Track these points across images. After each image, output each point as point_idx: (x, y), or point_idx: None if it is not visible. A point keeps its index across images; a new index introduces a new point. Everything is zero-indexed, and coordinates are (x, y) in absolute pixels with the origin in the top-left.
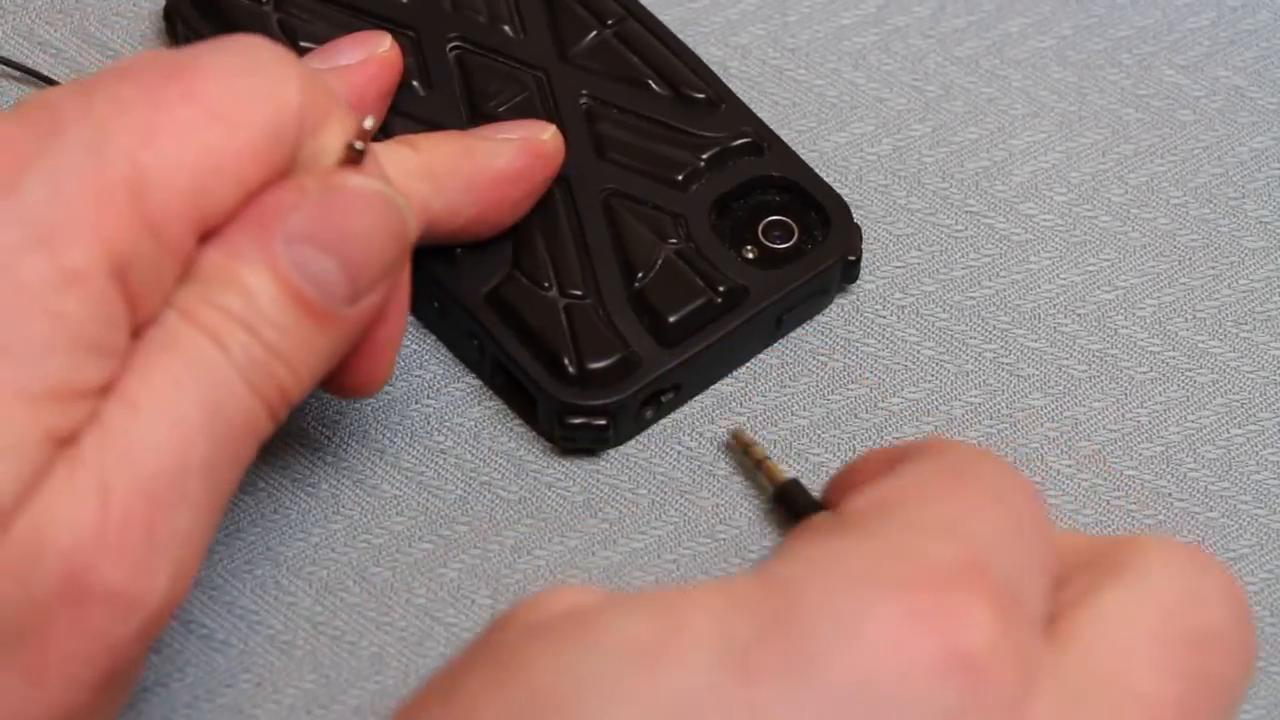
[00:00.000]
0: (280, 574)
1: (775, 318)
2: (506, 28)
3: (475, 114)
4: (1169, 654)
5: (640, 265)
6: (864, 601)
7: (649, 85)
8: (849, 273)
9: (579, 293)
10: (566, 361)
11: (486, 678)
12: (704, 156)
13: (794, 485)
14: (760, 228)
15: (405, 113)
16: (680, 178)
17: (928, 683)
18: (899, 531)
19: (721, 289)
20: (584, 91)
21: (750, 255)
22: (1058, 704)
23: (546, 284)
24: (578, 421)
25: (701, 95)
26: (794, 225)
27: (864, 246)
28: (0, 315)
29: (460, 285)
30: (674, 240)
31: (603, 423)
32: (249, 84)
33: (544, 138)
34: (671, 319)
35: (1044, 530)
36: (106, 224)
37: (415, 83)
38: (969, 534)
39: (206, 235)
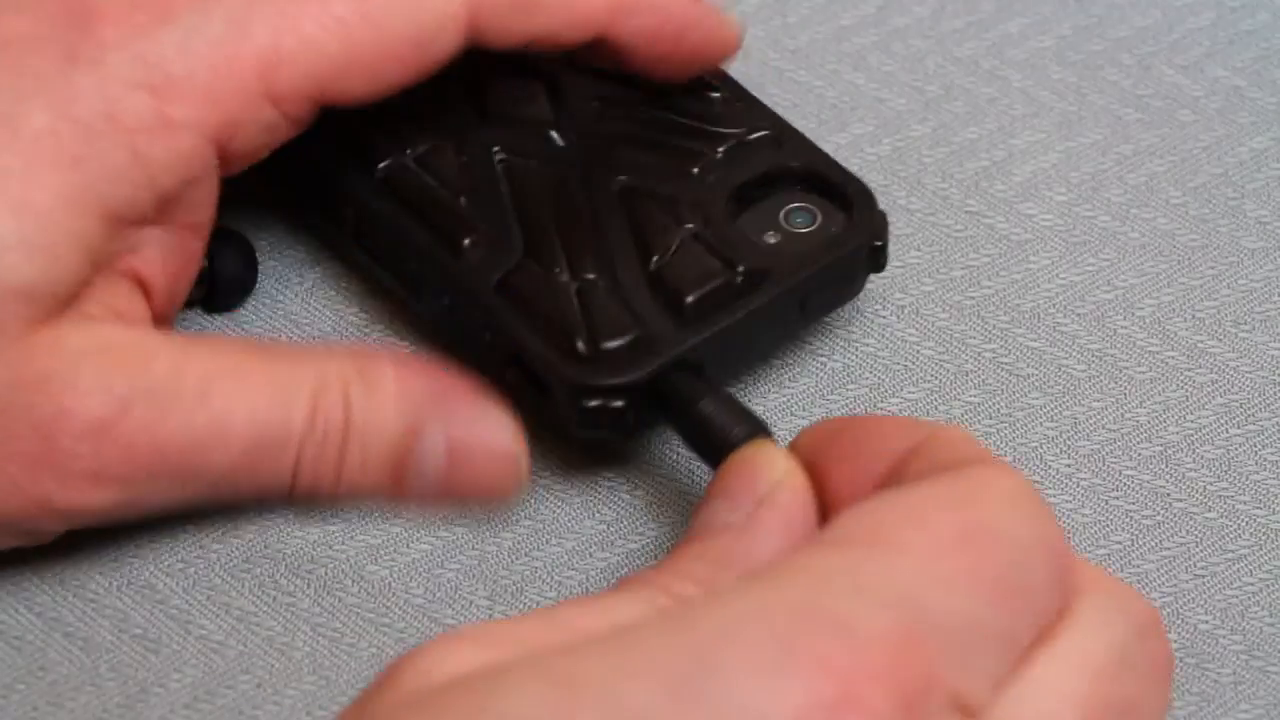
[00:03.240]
0: (279, 573)
1: (799, 302)
2: None
3: (484, 114)
4: None
5: (657, 249)
6: (776, 682)
7: (662, 85)
8: (875, 260)
9: (592, 275)
10: (580, 342)
11: None
12: (721, 149)
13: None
14: (782, 214)
15: (408, 106)
16: (697, 170)
17: None
18: (846, 591)
19: (742, 269)
20: (596, 92)
21: (772, 240)
22: None
23: (558, 269)
24: (594, 404)
25: (717, 94)
26: (817, 211)
27: None
28: (89, 133)
29: (470, 275)
30: (692, 225)
31: (620, 404)
32: None
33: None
34: (689, 298)
35: (1034, 588)
36: (225, 90)
37: None
38: (917, 601)
39: (330, 106)
